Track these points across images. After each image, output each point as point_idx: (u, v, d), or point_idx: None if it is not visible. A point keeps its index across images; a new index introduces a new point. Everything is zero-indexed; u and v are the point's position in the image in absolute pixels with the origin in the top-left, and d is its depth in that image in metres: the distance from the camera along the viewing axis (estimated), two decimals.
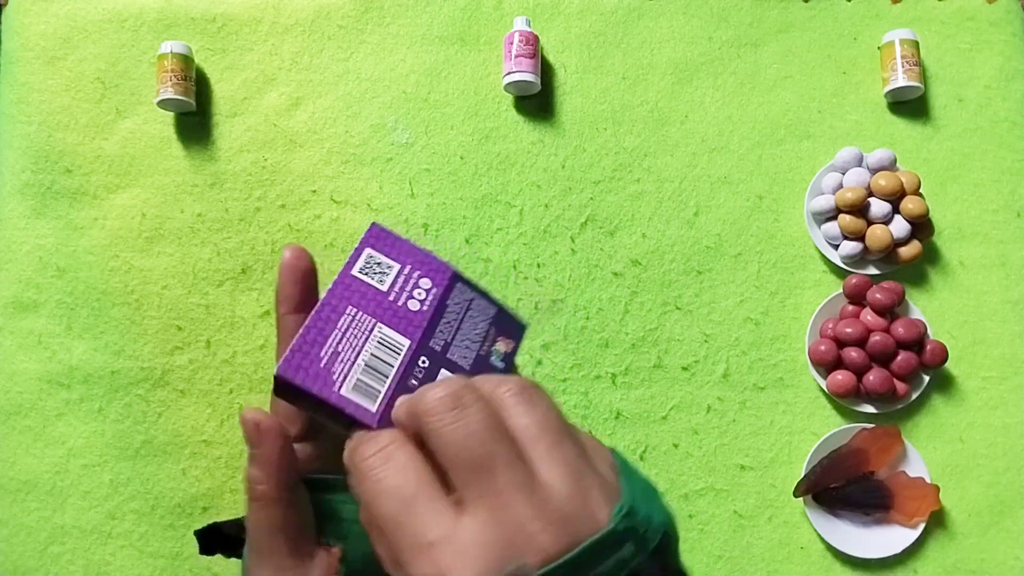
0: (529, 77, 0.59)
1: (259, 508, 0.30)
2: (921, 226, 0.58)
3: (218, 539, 0.35)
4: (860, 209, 0.58)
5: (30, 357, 0.57)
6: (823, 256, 0.60)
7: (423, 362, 0.25)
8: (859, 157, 0.59)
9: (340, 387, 0.24)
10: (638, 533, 0.20)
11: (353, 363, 0.24)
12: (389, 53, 0.62)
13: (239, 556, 0.33)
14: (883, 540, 0.55)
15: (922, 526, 0.55)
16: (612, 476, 0.21)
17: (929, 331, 0.58)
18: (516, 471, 0.20)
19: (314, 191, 0.60)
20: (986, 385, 0.59)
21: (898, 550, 0.55)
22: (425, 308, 0.27)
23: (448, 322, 0.27)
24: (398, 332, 0.26)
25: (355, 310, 0.26)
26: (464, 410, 0.21)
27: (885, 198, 0.58)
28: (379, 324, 0.26)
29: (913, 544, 0.55)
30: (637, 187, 0.61)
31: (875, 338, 0.56)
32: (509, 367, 0.27)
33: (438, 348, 0.26)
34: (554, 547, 0.19)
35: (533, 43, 0.60)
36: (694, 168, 0.61)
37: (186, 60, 0.58)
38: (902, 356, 0.56)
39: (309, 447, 0.39)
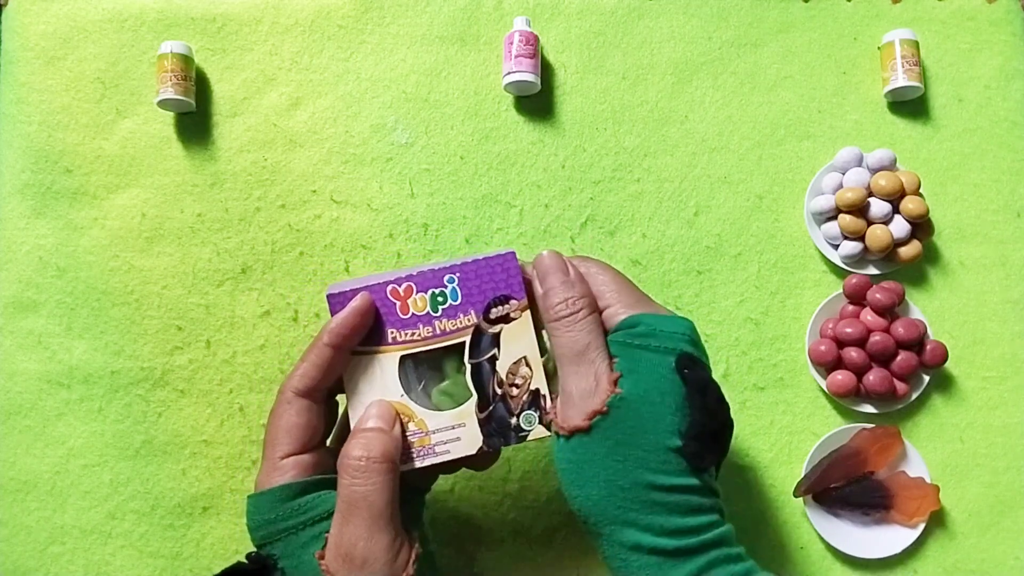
0: (529, 77, 0.59)
1: (385, 472, 0.37)
2: (921, 226, 0.58)
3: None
4: (860, 209, 0.58)
5: (30, 357, 0.57)
6: (823, 256, 0.60)
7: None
8: (859, 157, 0.59)
9: None
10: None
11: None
12: (389, 53, 0.62)
13: None
14: (883, 540, 0.55)
15: (922, 526, 0.55)
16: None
17: (929, 331, 0.58)
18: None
19: (314, 191, 0.60)
20: (986, 385, 0.59)
21: (898, 550, 0.55)
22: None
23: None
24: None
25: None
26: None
27: (885, 198, 0.58)
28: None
29: (913, 544, 0.55)
30: (637, 187, 0.61)
31: (875, 338, 0.56)
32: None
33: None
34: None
35: (533, 43, 0.60)
36: (694, 168, 0.61)
37: (186, 60, 0.58)
38: (902, 356, 0.56)
39: (320, 454, 0.43)
